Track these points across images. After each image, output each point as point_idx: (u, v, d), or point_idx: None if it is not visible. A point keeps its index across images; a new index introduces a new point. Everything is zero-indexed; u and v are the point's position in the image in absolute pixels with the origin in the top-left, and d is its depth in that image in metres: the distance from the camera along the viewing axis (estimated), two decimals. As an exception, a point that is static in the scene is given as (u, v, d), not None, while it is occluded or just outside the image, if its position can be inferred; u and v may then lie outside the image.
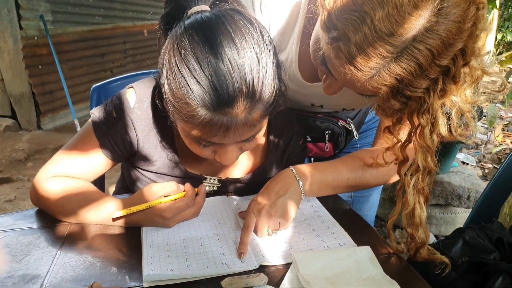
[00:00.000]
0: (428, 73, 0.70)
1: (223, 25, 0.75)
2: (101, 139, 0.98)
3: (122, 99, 0.97)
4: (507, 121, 4.99)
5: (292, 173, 0.99)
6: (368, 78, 0.72)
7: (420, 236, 0.84)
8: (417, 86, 0.72)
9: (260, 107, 0.78)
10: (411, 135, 0.83)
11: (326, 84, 0.89)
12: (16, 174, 3.43)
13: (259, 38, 0.77)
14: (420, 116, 0.77)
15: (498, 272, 0.93)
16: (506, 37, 9.38)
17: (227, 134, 0.78)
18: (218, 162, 0.90)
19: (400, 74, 0.70)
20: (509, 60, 2.99)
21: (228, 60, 0.72)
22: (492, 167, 3.71)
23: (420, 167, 0.81)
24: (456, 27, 0.67)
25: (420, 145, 0.80)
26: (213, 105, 0.74)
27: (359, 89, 0.78)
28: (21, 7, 4.06)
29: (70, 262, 0.81)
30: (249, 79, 0.74)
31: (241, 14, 0.79)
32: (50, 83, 4.47)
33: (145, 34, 6.16)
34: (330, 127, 1.26)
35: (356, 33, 0.68)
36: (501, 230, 1.10)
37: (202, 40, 0.73)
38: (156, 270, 0.78)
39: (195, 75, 0.73)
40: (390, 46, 0.67)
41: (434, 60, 0.68)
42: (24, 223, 0.95)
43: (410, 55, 0.68)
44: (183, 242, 0.89)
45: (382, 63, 0.69)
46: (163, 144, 1.01)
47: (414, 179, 0.82)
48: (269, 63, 0.77)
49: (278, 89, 0.81)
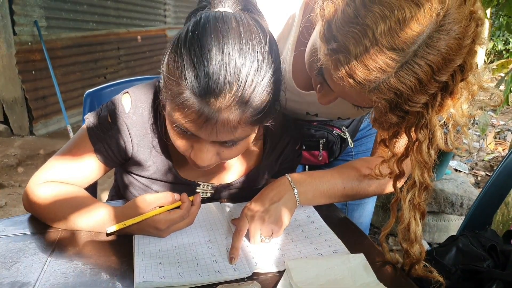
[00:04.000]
0: (428, 89, 0.70)
1: (236, 24, 0.76)
2: (95, 144, 0.97)
3: (117, 104, 0.96)
4: (498, 128, 5.03)
5: (288, 180, 0.98)
6: (367, 91, 0.71)
7: (415, 253, 0.83)
8: (416, 101, 0.71)
9: (245, 111, 0.77)
10: (408, 150, 0.82)
11: (321, 94, 0.88)
12: (7, 180, 3.40)
13: (266, 49, 0.78)
14: (418, 131, 0.77)
15: (491, 280, 0.93)
16: (497, 46, 9.48)
17: (204, 125, 0.77)
18: (192, 161, 0.88)
19: (400, 88, 0.69)
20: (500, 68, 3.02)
21: (228, 54, 0.73)
22: (484, 174, 3.73)
23: (417, 182, 0.80)
24: (457, 43, 0.67)
25: (417, 160, 0.79)
26: (200, 90, 0.74)
27: (356, 101, 0.78)
28: (15, 12, 4.05)
29: (61, 269, 0.80)
30: (242, 79, 0.74)
31: (258, 23, 0.81)
32: (43, 88, 4.45)
33: (139, 41, 6.16)
34: (324, 135, 1.26)
35: (357, 46, 0.68)
36: (494, 237, 1.10)
37: (211, 30, 0.75)
38: (147, 278, 0.77)
39: (193, 59, 0.74)
40: (391, 60, 0.67)
41: (433, 76, 0.68)
42: (14, 229, 0.94)
43: (410, 70, 0.67)
44: (176, 249, 0.88)
45: (382, 77, 0.69)
46: (157, 150, 1.00)
47: (410, 195, 0.82)
48: (267, 74, 0.77)
49: (270, 102, 0.80)
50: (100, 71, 5.42)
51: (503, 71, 3.06)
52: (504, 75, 2.69)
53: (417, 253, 0.83)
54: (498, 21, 8.06)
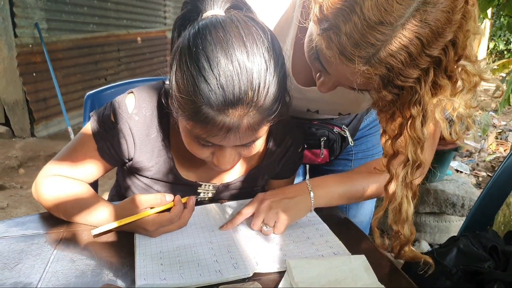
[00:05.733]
0: (418, 63, 0.70)
1: (236, 29, 0.76)
2: (98, 142, 0.98)
3: (120, 104, 0.97)
4: (500, 129, 5.03)
5: (306, 184, 1.02)
6: (359, 68, 0.72)
7: (405, 233, 0.84)
8: (407, 75, 0.72)
9: (263, 113, 0.79)
10: (402, 128, 0.82)
11: (321, 81, 0.89)
12: (9, 182, 3.40)
13: (270, 46, 0.78)
14: (412, 107, 0.77)
15: (492, 281, 0.93)
16: (498, 46, 9.48)
17: (227, 135, 0.79)
18: (215, 165, 0.90)
19: (390, 62, 0.70)
20: (501, 68, 3.02)
21: (238, 62, 0.73)
22: (485, 175, 3.72)
23: (410, 159, 0.81)
24: (445, 17, 0.68)
25: (411, 137, 0.80)
26: (217, 104, 0.74)
27: (351, 82, 0.78)
28: (16, 15, 4.06)
29: (63, 270, 0.81)
30: (255, 84, 0.75)
31: (255, 21, 0.81)
32: (44, 90, 4.46)
33: (139, 42, 6.17)
34: (325, 134, 1.26)
35: (346, 22, 0.69)
36: (495, 238, 1.11)
37: (214, 40, 0.74)
38: (149, 280, 0.77)
39: (204, 73, 0.73)
40: (379, 34, 0.68)
41: (423, 50, 0.69)
42: (16, 230, 0.94)
43: (399, 43, 0.68)
44: (177, 250, 0.88)
45: (372, 51, 0.70)
46: (160, 150, 1.00)
47: (403, 172, 0.82)
48: (276, 71, 0.78)
49: (282, 98, 0.82)
50: (101, 72, 5.43)
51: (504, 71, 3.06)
52: (505, 75, 2.69)
53: (407, 234, 0.84)
54: (499, 21, 8.08)
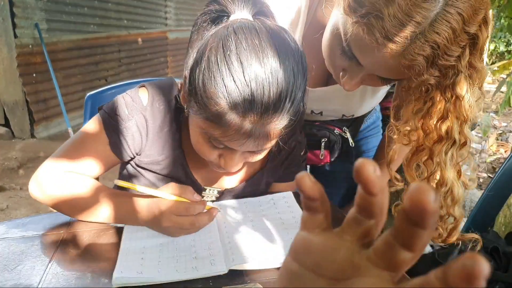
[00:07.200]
0: (460, 40, 0.71)
1: (272, 40, 0.76)
2: (111, 136, 0.95)
3: (134, 97, 0.96)
4: (500, 130, 5.03)
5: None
6: (403, 50, 0.72)
7: (457, 215, 0.83)
8: (451, 53, 0.72)
9: (283, 124, 0.79)
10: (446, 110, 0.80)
11: (347, 77, 0.88)
12: (9, 183, 3.40)
13: (299, 60, 0.79)
14: (457, 86, 0.76)
15: (494, 282, 0.93)
16: (499, 47, 9.49)
17: (246, 142, 0.79)
18: (219, 167, 0.89)
19: (436, 40, 0.70)
20: (502, 70, 3.02)
21: (270, 72, 0.73)
22: (486, 176, 3.72)
23: (457, 140, 0.80)
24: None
25: (457, 118, 0.79)
26: (244, 110, 0.74)
27: (387, 70, 0.78)
28: (16, 15, 4.06)
29: (63, 271, 0.80)
30: (283, 95, 0.75)
31: (287, 34, 0.81)
32: (44, 91, 4.45)
33: (140, 43, 6.17)
34: (326, 135, 1.26)
35: (389, 4, 0.69)
36: (496, 239, 1.10)
37: (250, 47, 0.74)
38: (125, 273, 0.78)
39: (235, 77, 0.73)
40: (425, 11, 0.68)
41: (464, 26, 0.70)
42: (16, 231, 0.94)
43: (443, 20, 0.69)
44: (159, 246, 0.88)
45: (417, 31, 0.69)
46: (171, 145, 0.99)
47: (450, 153, 0.82)
48: (302, 85, 0.79)
49: (303, 111, 0.83)
50: (101, 73, 5.43)
51: (505, 72, 3.05)
52: (506, 77, 2.69)
53: (458, 215, 0.83)
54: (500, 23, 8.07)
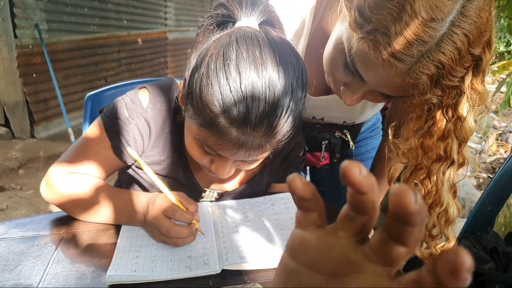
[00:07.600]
0: (464, 61, 0.71)
1: (273, 52, 0.75)
2: (113, 139, 0.95)
3: (134, 99, 0.95)
4: (500, 130, 5.03)
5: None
6: (408, 68, 0.72)
7: (449, 235, 0.83)
8: (455, 74, 0.72)
9: (278, 137, 0.79)
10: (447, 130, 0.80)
11: (348, 92, 0.87)
12: (9, 183, 3.40)
13: (299, 75, 0.78)
14: (459, 107, 0.77)
15: (493, 282, 0.93)
16: (499, 47, 9.49)
17: (238, 151, 0.78)
18: (211, 171, 0.89)
19: (441, 60, 0.70)
20: (502, 70, 3.03)
21: (267, 85, 0.72)
22: (486, 176, 3.72)
23: (455, 160, 0.80)
24: (485, 15, 0.69)
25: (457, 137, 0.79)
26: (237, 120, 0.73)
27: (391, 87, 0.77)
28: (16, 16, 4.05)
29: (63, 271, 0.80)
30: (279, 110, 0.74)
31: (291, 47, 0.80)
32: (44, 91, 4.45)
33: (140, 43, 6.17)
34: (327, 137, 1.26)
35: (396, 21, 0.68)
36: (496, 239, 1.11)
37: (250, 58, 0.73)
38: (119, 271, 0.78)
39: (231, 86, 0.72)
40: (432, 30, 0.68)
41: (469, 47, 0.70)
42: (16, 232, 0.94)
43: (449, 40, 0.68)
44: (155, 245, 0.88)
45: (423, 50, 0.69)
46: (173, 145, 0.99)
47: (447, 173, 0.82)
48: (299, 101, 0.79)
49: (298, 126, 0.82)
50: (101, 74, 5.43)
51: (505, 72, 3.05)
52: (505, 77, 2.69)
53: (451, 237, 0.83)
54: (499, 23, 8.08)
